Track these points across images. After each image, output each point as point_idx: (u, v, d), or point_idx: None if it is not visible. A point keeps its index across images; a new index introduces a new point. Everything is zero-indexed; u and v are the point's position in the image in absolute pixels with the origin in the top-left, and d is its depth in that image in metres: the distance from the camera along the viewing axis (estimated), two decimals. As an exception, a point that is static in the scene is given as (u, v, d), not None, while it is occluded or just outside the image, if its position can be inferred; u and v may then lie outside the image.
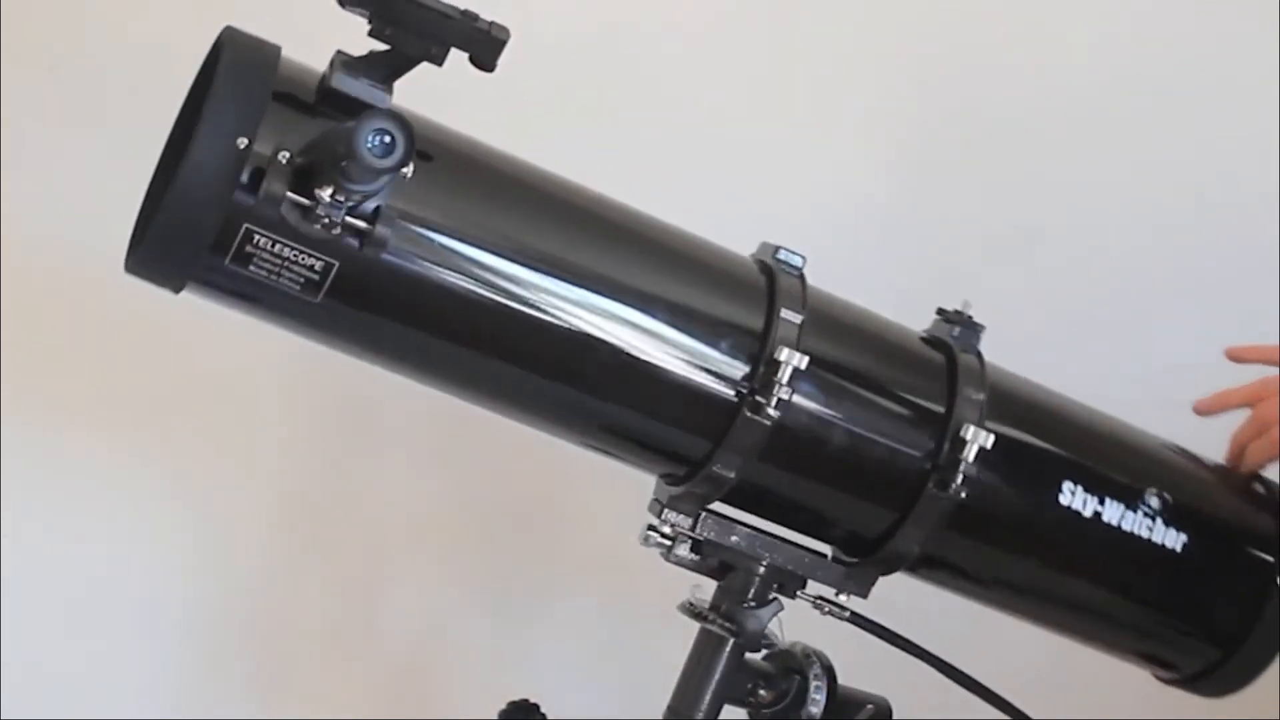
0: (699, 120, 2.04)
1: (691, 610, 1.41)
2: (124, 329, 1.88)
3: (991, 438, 1.34)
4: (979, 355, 1.42)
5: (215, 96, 1.16)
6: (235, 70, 1.18)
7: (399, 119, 1.14)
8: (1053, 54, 2.16)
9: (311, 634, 2.01)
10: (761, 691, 1.42)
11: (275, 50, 1.21)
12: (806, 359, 1.30)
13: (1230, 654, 1.47)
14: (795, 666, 1.43)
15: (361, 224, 1.17)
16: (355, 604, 2.02)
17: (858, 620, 1.42)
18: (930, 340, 1.44)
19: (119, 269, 1.22)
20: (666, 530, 1.38)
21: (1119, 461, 1.45)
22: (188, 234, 1.17)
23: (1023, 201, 2.17)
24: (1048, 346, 1.76)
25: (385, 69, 1.20)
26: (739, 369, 1.32)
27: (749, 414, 1.30)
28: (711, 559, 1.39)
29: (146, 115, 1.84)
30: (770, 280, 1.35)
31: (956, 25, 2.11)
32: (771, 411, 1.30)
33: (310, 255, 1.19)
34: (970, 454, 1.34)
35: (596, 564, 2.03)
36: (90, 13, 1.90)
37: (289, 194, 1.16)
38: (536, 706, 1.48)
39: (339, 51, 1.20)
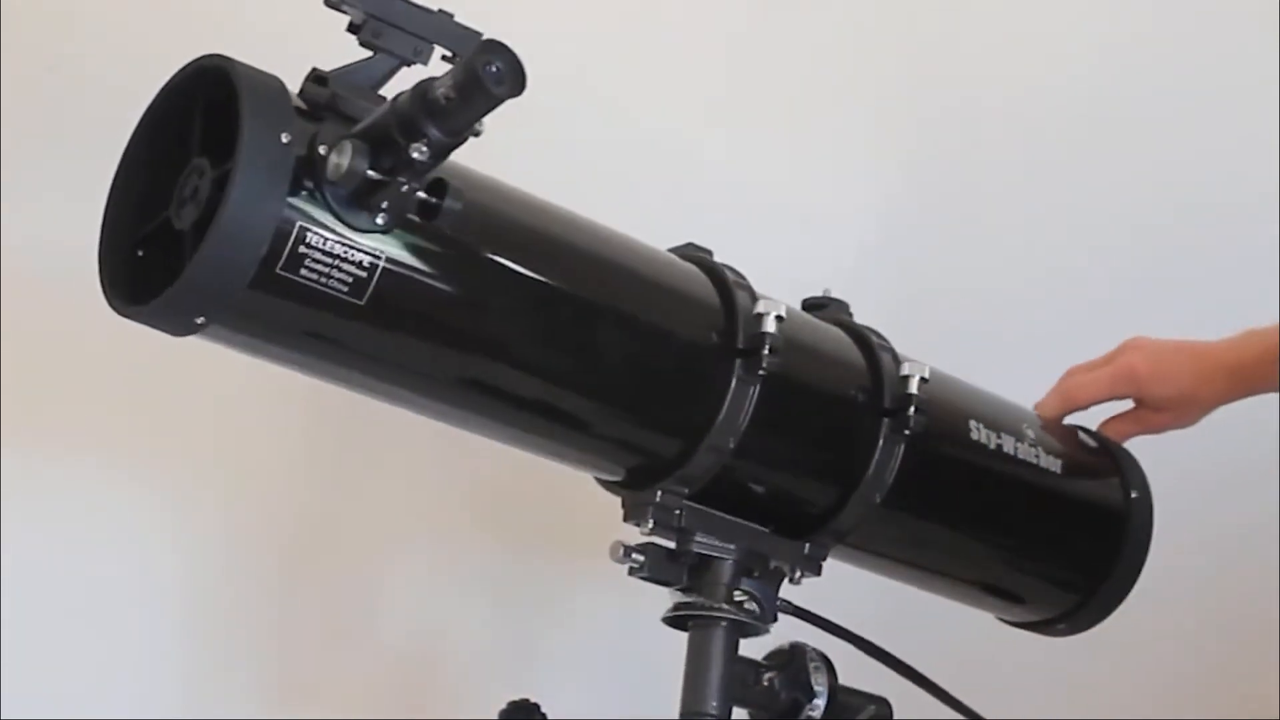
0: (695, 121, 2.04)
1: (683, 610, 1.41)
2: (124, 329, 1.87)
3: (927, 367, 1.46)
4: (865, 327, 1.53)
5: (247, 105, 1.15)
6: (253, 86, 1.17)
7: (509, 51, 1.12)
8: (1053, 54, 2.16)
9: (311, 634, 2.01)
10: (766, 676, 1.43)
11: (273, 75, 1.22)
12: (785, 305, 1.38)
13: (1106, 575, 1.61)
14: (796, 667, 1.43)
15: (430, 198, 1.17)
16: (355, 604, 2.02)
17: (800, 613, 1.48)
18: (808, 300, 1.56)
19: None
20: (639, 542, 1.41)
21: (993, 405, 1.60)
22: (241, 247, 1.14)
23: (1022, 200, 2.18)
24: (1045, 346, 1.76)
25: (374, 76, 1.22)
26: (714, 338, 1.38)
27: (742, 375, 1.37)
28: (684, 562, 1.41)
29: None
30: (701, 265, 1.43)
31: (957, 25, 2.11)
32: (764, 368, 1.36)
33: (359, 251, 1.19)
34: (914, 387, 1.45)
35: (597, 564, 2.02)
36: (90, 13, 1.90)
37: (369, 171, 1.14)
38: (537, 706, 1.48)
39: (313, 69, 1.21)
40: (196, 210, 1.18)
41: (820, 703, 1.42)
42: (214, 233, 1.14)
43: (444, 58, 1.22)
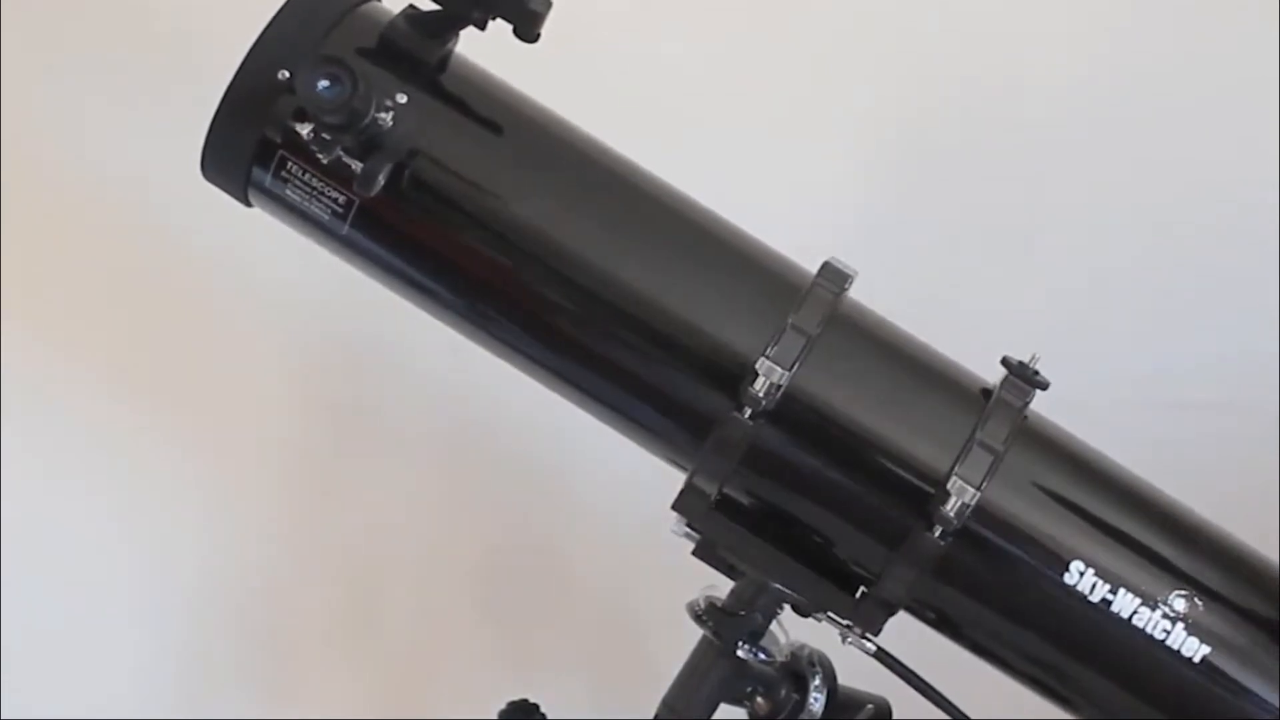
0: (693, 119, 2.03)
1: (692, 611, 1.41)
2: (125, 330, 1.88)
3: (977, 495, 1.27)
4: (1021, 409, 1.32)
5: (274, 26, 1.25)
6: (302, 6, 1.26)
7: (338, 62, 1.18)
8: (1050, 49, 2.16)
9: (311, 634, 2.01)
10: (759, 699, 1.42)
11: None
12: (787, 373, 1.26)
13: None
14: (795, 667, 1.43)
15: (353, 163, 1.22)
16: (355, 604, 2.02)
17: (882, 657, 1.36)
18: (982, 388, 1.35)
19: (119, 269, 1.22)
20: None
21: (1154, 553, 1.33)
22: (231, 150, 1.26)
23: (1020, 199, 2.17)
24: (1043, 345, 1.75)
25: (435, 27, 1.27)
26: (734, 370, 1.28)
27: (733, 414, 1.26)
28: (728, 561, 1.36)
29: (146, 115, 1.85)
30: (809, 289, 1.31)
31: (955, 22, 2.11)
32: (746, 421, 1.26)
33: (334, 188, 1.25)
34: (951, 508, 1.27)
35: (597, 564, 2.03)
36: (90, 12, 1.90)
37: (291, 122, 1.22)
38: (536, 706, 1.48)
39: (410, 5, 1.27)
40: None
41: (819, 698, 1.41)
42: (210, 130, 1.26)
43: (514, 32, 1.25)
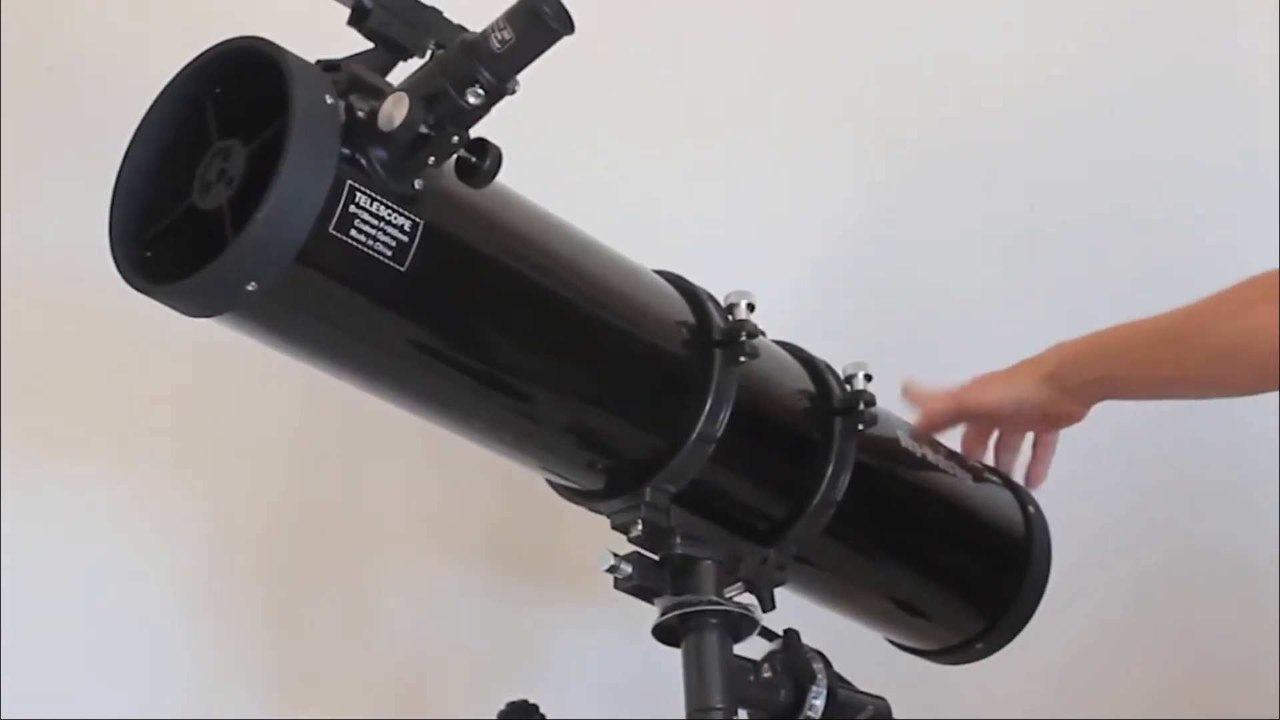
0: (693, 128, 2.04)
1: (675, 609, 1.41)
2: (123, 328, 1.88)
3: (868, 366, 1.49)
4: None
5: (291, 69, 1.16)
6: (288, 55, 1.18)
7: None
8: (1048, 55, 2.17)
9: (312, 634, 2.01)
10: (766, 672, 1.43)
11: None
12: (753, 295, 1.41)
13: (1007, 608, 1.60)
14: (795, 655, 1.43)
15: (471, 157, 1.20)
16: (355, 605, 2.02)
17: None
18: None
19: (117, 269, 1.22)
20: (626, 551, 1.42)
21: (906, 423, 1.62)
22: (299, 205, 1.14)
23: (1018, 204, 2.18)
24: (1043, 344, 1.75)
25: (377, 66, 1.24)
26: (687, 334, 1.40)
27: (723, 364, 1.39)
28: (669, 570, 1.42)
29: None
30: (661, 274, 1.46)
31: (954, 31, 2.12)
32: (745, 354, 1.38)
33: (400, 214, 1.19)
34: (861, 383, 1.49)
35: (596, 563, 2.03)
36: (90, 13, 1.90)
37: (423, 126, 1.16)
38: (536, 707, 1.48)
39: (318, 60, 1.21)
40: (229, 189, 1.18)
41: (819, 703, 1.42)
42: (274, 190, 1.13)
43: (430, 52, 1.25)
